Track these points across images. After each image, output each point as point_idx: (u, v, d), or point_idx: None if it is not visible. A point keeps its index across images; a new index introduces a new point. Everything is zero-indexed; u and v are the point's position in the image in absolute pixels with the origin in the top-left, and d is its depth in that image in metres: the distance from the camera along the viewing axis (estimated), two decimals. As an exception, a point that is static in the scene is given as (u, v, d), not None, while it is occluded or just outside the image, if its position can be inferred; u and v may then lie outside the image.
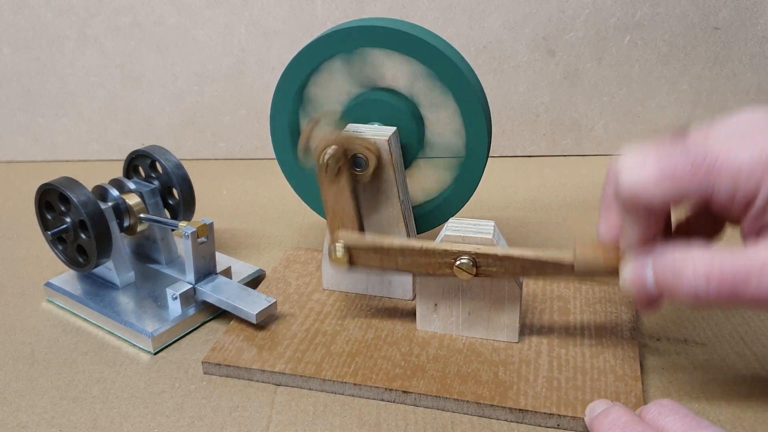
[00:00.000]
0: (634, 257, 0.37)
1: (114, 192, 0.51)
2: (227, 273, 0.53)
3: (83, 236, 0.49)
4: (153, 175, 0.55)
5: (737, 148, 0.33)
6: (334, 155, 0.43)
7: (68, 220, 0.49)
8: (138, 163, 0.55)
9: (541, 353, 0.44)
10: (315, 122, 0.44)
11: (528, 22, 0.74)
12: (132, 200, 0.52)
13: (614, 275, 0.39)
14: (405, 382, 0.42)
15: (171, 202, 0.55)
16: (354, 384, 0.42)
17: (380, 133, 0.46)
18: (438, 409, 0.41)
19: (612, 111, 0.78)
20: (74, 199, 0.47)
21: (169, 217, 0.56)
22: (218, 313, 0.50)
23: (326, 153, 0.43)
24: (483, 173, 0.50)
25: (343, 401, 0.42)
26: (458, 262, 0.42)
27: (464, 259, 0.42)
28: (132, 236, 0.54)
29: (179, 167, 0.54)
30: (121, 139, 0.81)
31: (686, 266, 0.34)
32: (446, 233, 0.43)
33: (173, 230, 0.54)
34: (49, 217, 0.51)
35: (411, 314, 0.48)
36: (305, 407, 0.41)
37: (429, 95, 0.49)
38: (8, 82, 0.79)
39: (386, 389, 0.41)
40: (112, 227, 0.49)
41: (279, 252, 0.59)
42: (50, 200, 0.50)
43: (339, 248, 0.44)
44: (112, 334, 0.49)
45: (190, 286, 0.49)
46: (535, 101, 0.77)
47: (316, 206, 0.54)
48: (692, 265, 0.34)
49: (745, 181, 0.33)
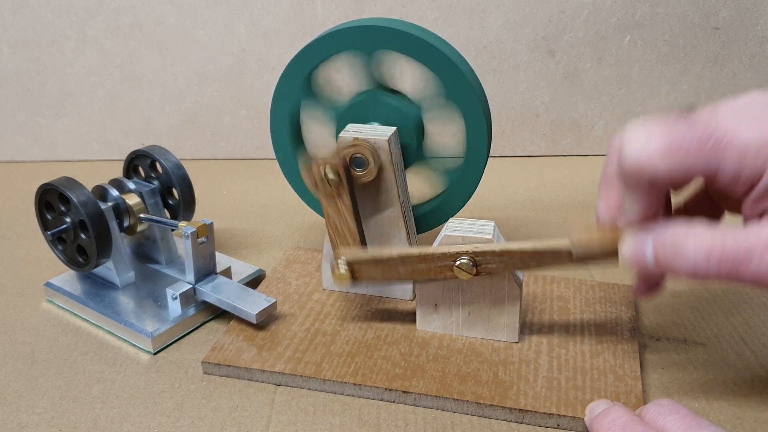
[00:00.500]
0: (634, 233, 0.36)
1: (114, 192, 0.51)
2: (227, 273, 0.53)
3: (83, 236, 0.49)
4: (153, 175, 0.55)
5: (745, 127, 0.32)
6: (333, 170, 0.43)
7: (68, 220, 0.49)
8: (138, 163, 0.55)
9: (541, 353, 0.44)
10: (319, 157, 0.45)
11: (528, 22, 0.74)
12: (132, 200, 0.52)
13: (613, 257, 0.39)
14: (405, 382, 0.42)
15: (171, 202, 0.55)
16: (354, 384, 0.42)
17: (380, 133, 0.46)
18: (438, 409, 0.41)
19: (612, 111, 0.78)
20: (74, 199, 0.47)
21: (169, 217, 0.56)
22: (218, 313, 0.50)
23: (325, 170, 0.43)
24: (483, 173, 0.50)
25: (343, 401, 0.42)
26: (458, 263, 0.42)
27: (463, 260, 0.42)
28: (132, 236, 0.54)
29: (179, 167, 0.54)
30: (121, 139, 0.81)
31: (687, 242, 0.33)
32: (446, 233, 0.43)
33: (173, 230, 0.54)
34: (49, 217, 0.51)
35: (411, 314, 0.48)
36: (305, 407, 0.41)
37: (429, 95, 0.49)
38: (8, 82, 0.79)
39: (386, 389, 0.41)
40: (112, 227, 0.49)
41: (279, 252, 0.59)
42: (50, 200, 0.50)
43: (341, 265, 0.44)
44: (112, 334, 0.49)
45: (190, 286, 0.49)
46: (535, 101, 0.77)
47: (316, 206, 0.54)
48: (693, 241, 0.33)
49: (752, 161, 0.32)
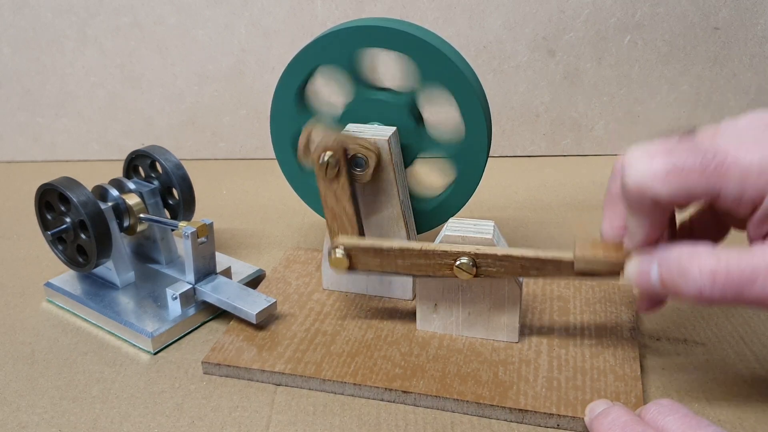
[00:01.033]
0: (640, 254, 0.37)
1: (114, 192, 0.51)
2: (227, 273, 0.53)
3: (83, 236, 0.49)
4: (153, 175, 0.55)
5: (746, 150, 0.33)
6: (334, 156, 0.43)
7: (68, 220, 0.49)
8: (138, 163, 0.55)
9: (541, 353, 0.44)
10: (314, 124, 0.44)
11: (528, 22, 0.74)
12: (132, 200, 0.52)
13: (615, 274, 0.39)
14: (405, 382, 0.42)
15: (171, 202, 0.55)
16: (354, 384, 0.42)
17: (380, 133, 0.46)
18: (438, 409, 0.41)
19: (612, 111, 0.78)
20: (74, 199, 0.47)
21: (169, 217, 0.56)
22: (218, 313, 0.50)
23: (325, 154, 0.43)
24: (483, 173, 0.50)
25: (343, 401, 0.42)
26: (458, 263, 0.42)
27: (464, 260, 0.42)
28: (132, 236, 0.54)
29: (179, 167, 0.54)
30: (121, 139, 0.81)
31: (692, 264, 0.34)
32: (446, 233, 0.43)
33: (173, 230, 0.54)
34: (49, 217, 0.51)
35: (411, 314, 0.48)
36: (305, 407, 0.41)
37: (429, 95, 0.49)
38: (8, 82, 0.79)
39: (386, 389, 0.41)
40: (112, 227, 0.49)
41: (279, 252, 0.59)
42: (50, 200, 0.50)
43: (338, 251, 0.44)
44: (112, 334, 0.49)
45: (190, 286, 0.49)
46: (535, 101, 0.77)
47: (316, 206, 0.54)
48: (698, 264, 0.33)
49: (753, 183, 0.33)
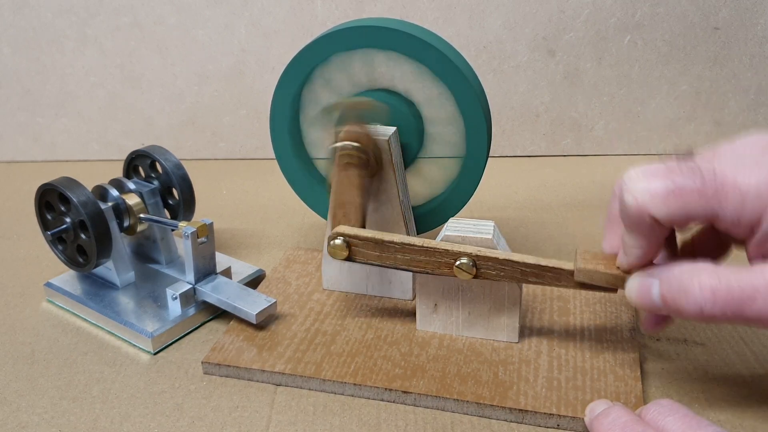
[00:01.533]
0: (640, 273, 0.37)
1: (114, 192, 0.51)
2: (227, 273, 0.53)
3: (83, 236, 0.49)
4: (153, 175, 0.55)
5: (743, 173, 0.33)
6: (359, 147, 0.43)
7: (68, 220, 0.49)
8: (138, 163, 0.55)
9: (541, 353, 0.44)
10: (359, 104, 0.44)
11: (528, 22, 0.74)
12: (132, 200, 0.52)
13: (613, 288, 0.39)
14: (405, 382, 0.42)
15: (171, 202, 0.55)
16: (354, 384, 0.42)
17: (380, 133, 0.46)
18: (438, 409, 0.41)
19: (612, 111, 0.78)
20: (74, 199, 0.47)
21: (169, 217, 0.56)
22: (218, 313, 0.50)
23: (349, 143, 0.43)
24: (483, 173, 0.50)
25: (343, 401, 0.42)
26: (458, 262, 0.42)
27: (464, 260, 0.42)
28: (132, 236, 0.54)
29: (179, 167, 0.54)
30: (121, 139, 0.81)
31: (693, 282, 0.34)
32: (446, 233, 0.43)
33: (173, 230, 0.54)
34: (49, 217, 0.51)
35: (411, 314, 0.48)
36: (305, 407, 0.41)
37: (429, 95, 0.49)
38: (8, 82, 0.79)
39: (386, 389, 0.41)
40: (112, 227, 0.49)
41: (279, 252, 0.59)
42: (50, 200, 0.50)
43: (338, 239, 0.44)
44: (112, 334, 0.49)
45: (190, 286, 0.49)
46: (535, 101, 0.77)
47: (316, 206, 0.54)
48: (699, 281, 0.34)
49: (751, 206, 0.33)
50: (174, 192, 0.55)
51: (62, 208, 0.49)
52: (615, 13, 0.73)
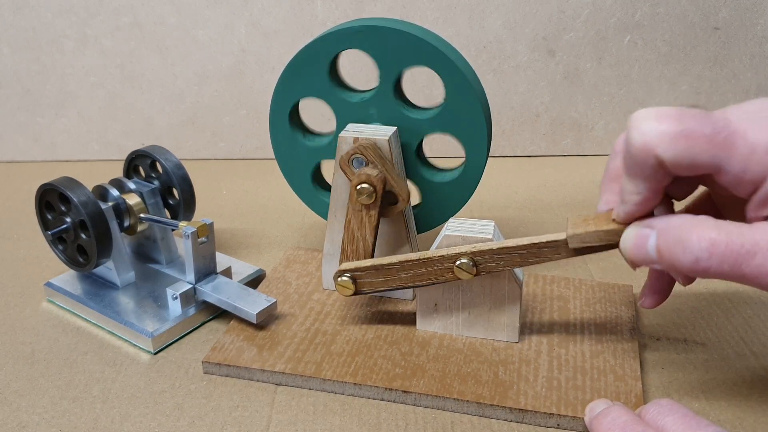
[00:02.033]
0: (637, 224, 0.36)
1: (114, 192, 0.51)
2: (227, 273, 0.53)
3: (83, 236, 0.49)
4: (153, 175, 0.55)
5: (755, 129, 0.32)
6: (371, 187, 0.44)
7: (68, 220, 0.49)
8: (138, 163, 0.55)
9: (541, 353, 0.44)
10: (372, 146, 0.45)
11: (528, 22, 0.74)
12: (132, 200, 0.52)
13: (612, 246, 0.38)
14: (405, 382, 0.42)
15: (171, 202, 0.55)
16: (354, 384, 0.42)
17: (380, 133, 0.46)
18: (438, 409, 0.41)
19: (612, 111, 0.78)
20: (74, 199, 0.47)
21: (169, 217, 0.56)
22: (218, 313, 0.50)
23: (365, 185, 0.44)
24: (483, 173, 0.50)
25: (343, 401, 0.42)
26: (457, 263, 0.42)
27: (463, 260, 0.42)
28: (132, 236, 0.54)
29: (179, 167, 0.54)
30: (121, 139, 0.81)
31: (692, 233, 0.33)
32: (446, 233, 0.43)
33: (173, 230, 0.54)
34: (50, 217, 0.51)
35: (411, 314, 0.48)
36: (305, 407, 0.41)
37: (428, 95, 0.49)
38: (8, 82, 0.79)
39: (386, 389, 0.41)
40: (112, 227, 0.49)
41: (279, 252, 0.59)
42: (50, 200, 0.50)
43: (344, 275, 0.44)
44: (113, 334, 0.49)
45: (190, 286, 0.49)
46: (535, 101, 0.77)
47: (316, 207, 0.54)
48: (698, 233, 0.33)
49: (757, 162, 0.32)
50: (174, 192, 0.55)
51: (62, 208, 0.50)
52: (615, 13, 0.73)
